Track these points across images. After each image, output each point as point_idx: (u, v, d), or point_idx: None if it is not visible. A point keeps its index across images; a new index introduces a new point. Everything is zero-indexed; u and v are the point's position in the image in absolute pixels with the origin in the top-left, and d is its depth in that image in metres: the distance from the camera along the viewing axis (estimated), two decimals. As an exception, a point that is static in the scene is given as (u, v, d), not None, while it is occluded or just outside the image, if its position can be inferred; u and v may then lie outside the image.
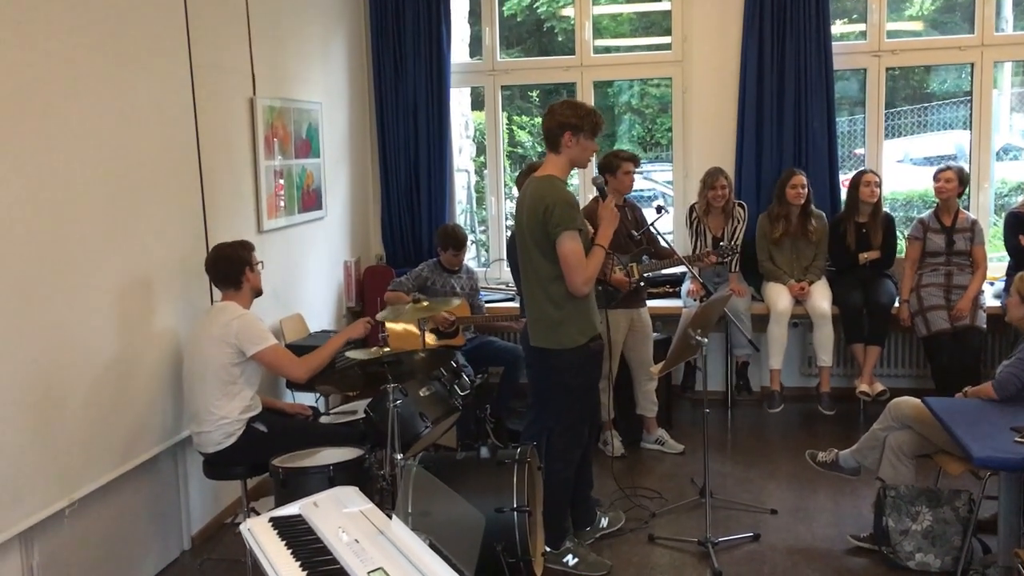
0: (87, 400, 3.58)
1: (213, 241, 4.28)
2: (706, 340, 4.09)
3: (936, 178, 5.48)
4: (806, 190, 5.65)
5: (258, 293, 4.10)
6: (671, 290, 6.12)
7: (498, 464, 3.79)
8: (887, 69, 6.23)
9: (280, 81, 5.27)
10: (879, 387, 5.58)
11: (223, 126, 4.63)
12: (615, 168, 5.01)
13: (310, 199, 5.63)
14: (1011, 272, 5.36)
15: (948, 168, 5.48)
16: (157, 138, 4.06)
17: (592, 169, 5.43)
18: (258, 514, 2.85)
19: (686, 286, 5.85)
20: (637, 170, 5.15)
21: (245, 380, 3.90)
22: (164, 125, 4.12)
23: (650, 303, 5.51)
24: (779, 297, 5.63)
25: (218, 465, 3.96)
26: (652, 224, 5.12)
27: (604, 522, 4.35)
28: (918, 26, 7.37)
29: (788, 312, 5.60)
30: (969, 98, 6.22)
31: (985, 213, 6.16)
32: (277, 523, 2.68)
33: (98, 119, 3.66)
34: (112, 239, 3.73)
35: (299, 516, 2.72)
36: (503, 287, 6.48)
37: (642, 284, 5.21)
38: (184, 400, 4.03)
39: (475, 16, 6.72)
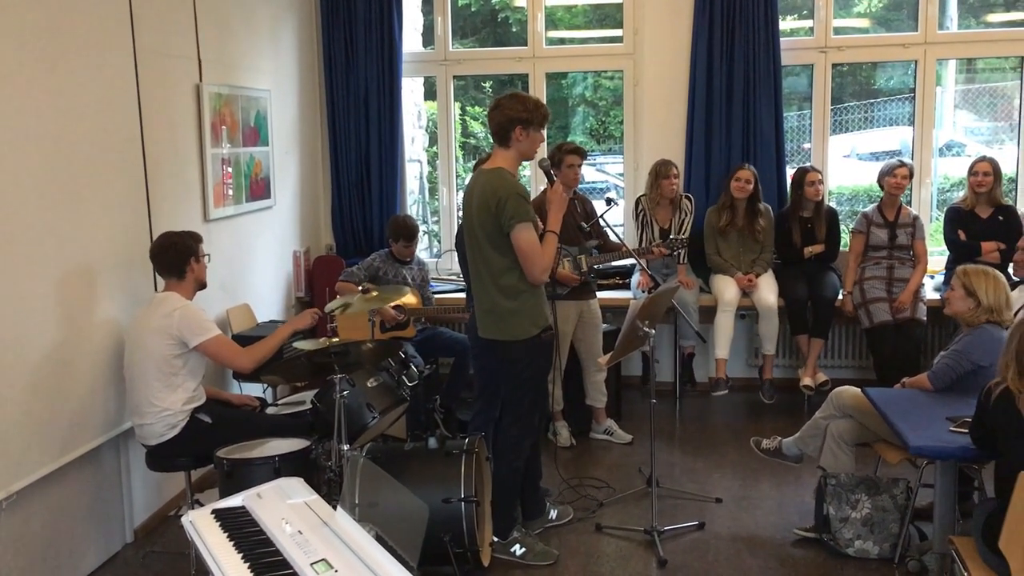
0: (25, 390, 3.51)
1: (157, 229, 4.22)
2: (653, 331, 4.13)
3: (893, 174, 5.55)
4: (751, 185, 5.71)
5: (202, 286, 4.04)
6: (621, 282, 6.17)
7: (446, 455, 3.80)
8: (834, 65, 6.33)
9: (227, 68, 5.19)
10: (821, 377, 5.69)
11: (168, 113, 4.56)
12: (559, 161, 5.01)
13: (258, 188, 5.57)
14: (950, 266, 5.49)
15: (903, 165, 5.58)
16: (99, 124, 3.97)
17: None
18: (203, 506, 2.83)
19: (635, 278, 5.90)
20: (589, 162, 5.15)
21: (188, 371, 3.85)
22: (106, 111, 4.03)
23: (600, 294, 5.54)
24: (726, 289, 5.71)
25: (161, 457, 3.90)
26: (602, 216, 5.15)
27: (553, 514, 4.37)
28: (865, 23, 7.50)
29: (735, 303, 5.68)
30: (914, 95, 6.35)
31: (926, 208, 6.30)
32: (220, 515, 2.66)
33: (37, 105, 3.57)
34: (51, 227, 3.66)
35: (242, 508, 2.69)
36: (455, 278, 6.47)
37: (591, 276, 5.24)
38: (126, 392, 3.97)
39: (428, 5, 6.69)
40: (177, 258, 3.92)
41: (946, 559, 3.46)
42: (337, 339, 4.36)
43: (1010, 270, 4.90)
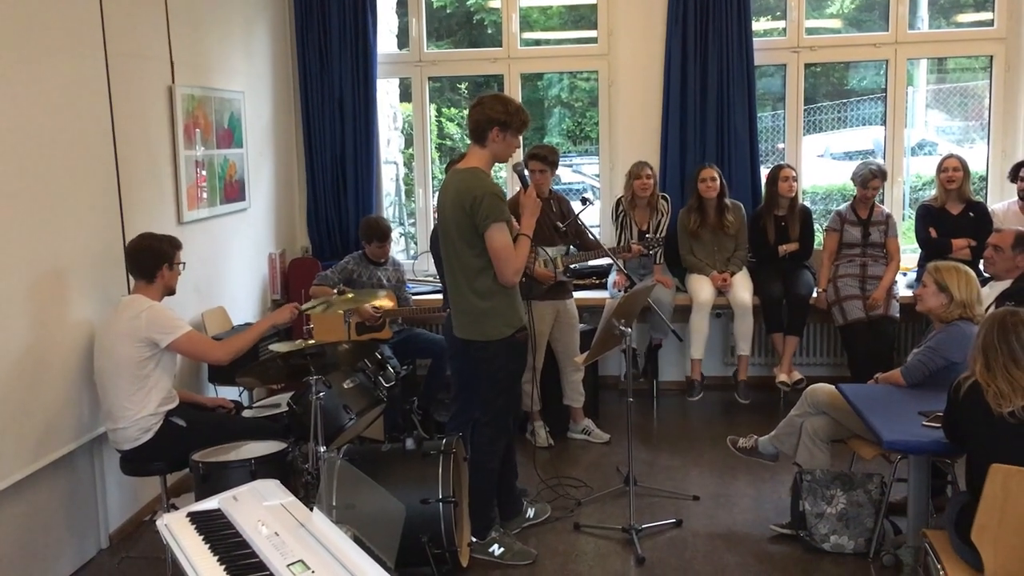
0: (-3, 396, 3.47)
1: (131, 232, 4.18)
2: (629, 330, 4.14)
3: (865, 185, 5.60)
4: (716, 182, 5.75)
5: (170, 292, 3.99)
6: (597, 282, 6.19)
7: (424, 456, 3.79)
8: (806, 65, 6.39)
9: (200, 69, 5.16)
10: (797, 375, 5.73)
11: (140, 115, 4.52)
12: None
13: (233, 190, 5.53)
14: (922, 263, 5.55)
15: (875, 176, 5.62)
16: (70, 126, 3.94)
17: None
18: (178, 510, 2.80)
19: (612, 278, 5.92)
20: (565, 163, 5.17)
21: (160, 373, 3.82)
22: (77, 113, 4.00)
23: (576, 294, 5.56)
24: (702, 288, 5.74)
25: (136, 461, 3.86)
26: (577, 216, 5.16)
27: (531, 513, 4.37)
28: (838, 24, 7.56)
29: (710, 303, 5.72)
30: (886, 94, 6.41)
31: (898, 207, 6.36)
32: (195, 518, 2.64)
33: (6, 107, 3.53)
34: (22, 229, 3.62)
35: (218, 510, 2.68)
36: (431, 279, 6.46)
37: (568, 276, 5.25)
38: (98, 397, 3.93)
39: (403, 7, 6.68)
40: (149, 261, 3.88)
41: (920, 552, 3.50)
42: (313, 341, 4.35)
43: (981, 266, 4.95)
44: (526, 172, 4.08)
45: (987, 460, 2.82)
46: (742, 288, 5.74)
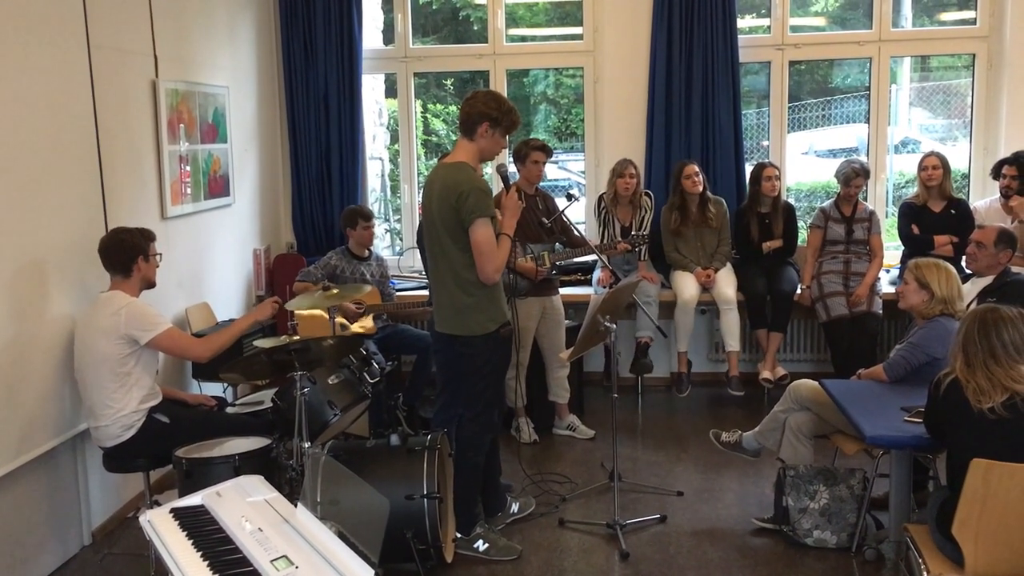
0: (-23, 392, 3.45)
1: (113, 226, 4.16)
2: (614, 326, 4.15)
3: (848, 183, 5.64)
4: (700, 178, 5.78)
5: (150, 284, 3.97)
6: (583, 278, 6.20)
7: (408, 451, 3.79)
8: (791, 63, 6.42)
9: (184, 64, 5.13)
10: (780, 372, 5.76)
11: (123, 109, 4.49)
12: (524, 156, 5.07)
13: (217, 185, 5.51)
14: (905, 260, 5.58)
15: (858, 175, 5.65)
16: (52, 120, 3.91)
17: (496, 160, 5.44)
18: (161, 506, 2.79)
19: (597, 274, 5.93)
20: (552, 160, 5.19)
21: (141, 369, 3.80)
22: (59, 107, 3.97)
23: (562, 290, 5.56)
24: (686, 284, 5.76)
25: (119, 458, 3.85)
26: (563, 212, 5.17)
27: (515, 507, 4.38)
28: (822, 22, 7.60)
29: (695, 299, 5.73)
30: (869, 92, 6.45)
31: (881, 204, 6.41)
32: (178, 514, 2.64)
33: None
34: (2, 222, 3.59)
35: (201, 506, 2.67)
36: (416, 275, 6.46)
37: (554, 272, 5.26)
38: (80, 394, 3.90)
39: (389, 3, 6.67)
40: (123, 256, 3.84)
41: (902, 546, 3.53)
42: (297, 336, 4.34)
43: (963, 263, 4.99)
44: (511, 172, 4.08)
45: (968, 455, 2.84)
46: (726, 284, 5.76)
